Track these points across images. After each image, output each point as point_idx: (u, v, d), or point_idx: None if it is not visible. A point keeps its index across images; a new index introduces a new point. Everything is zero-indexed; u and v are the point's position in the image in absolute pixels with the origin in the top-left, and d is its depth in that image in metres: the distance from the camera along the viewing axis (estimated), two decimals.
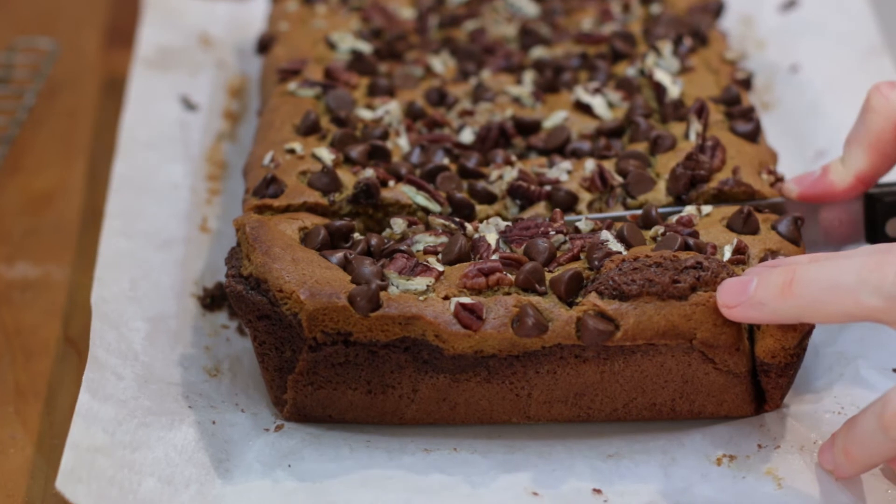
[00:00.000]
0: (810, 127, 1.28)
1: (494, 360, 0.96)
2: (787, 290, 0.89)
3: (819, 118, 1.29)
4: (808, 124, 1.29)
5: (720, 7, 1.29)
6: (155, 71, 1.34)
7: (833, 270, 0.88)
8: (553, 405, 0.99)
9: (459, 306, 0.94)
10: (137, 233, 1.15)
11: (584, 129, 1.13)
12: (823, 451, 0.95)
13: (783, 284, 0.89)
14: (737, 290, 0.92)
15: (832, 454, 0.93)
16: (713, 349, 0.95)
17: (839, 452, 0.92)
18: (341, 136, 1.10)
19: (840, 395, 1.01)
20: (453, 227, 1.01)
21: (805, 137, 1.27)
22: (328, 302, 0.94)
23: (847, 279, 0.87)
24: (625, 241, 0.99)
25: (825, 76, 1.33)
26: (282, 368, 0.98)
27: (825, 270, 0.88)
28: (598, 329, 0.94)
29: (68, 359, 1.10)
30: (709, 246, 0.98)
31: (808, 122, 1.29)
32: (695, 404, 0.99)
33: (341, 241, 1.00)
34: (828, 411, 1.00)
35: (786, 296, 0.89)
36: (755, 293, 0.91)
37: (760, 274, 0.91)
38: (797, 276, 0.89)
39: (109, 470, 0.93)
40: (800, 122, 1.29)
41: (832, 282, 0.87)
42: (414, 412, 0.99)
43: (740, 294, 0.92)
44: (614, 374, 0.97)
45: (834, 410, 1.00)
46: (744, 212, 1.01)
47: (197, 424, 0.99)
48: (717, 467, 0.97)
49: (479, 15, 1.28)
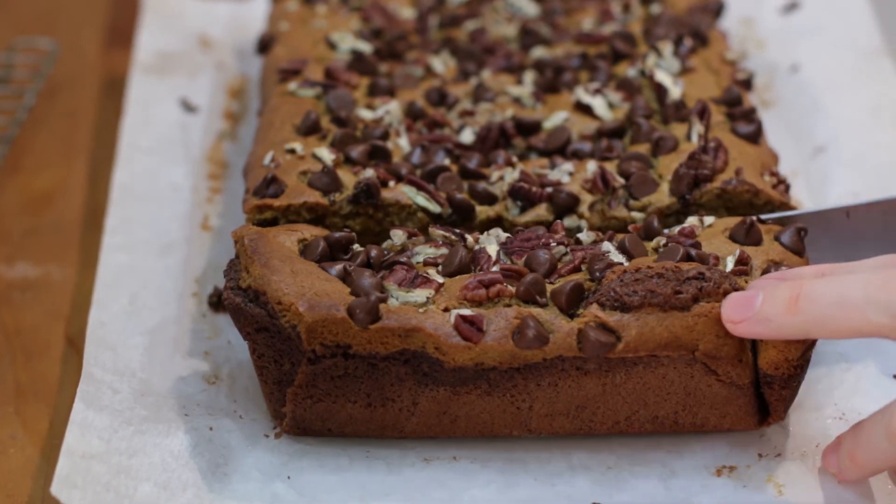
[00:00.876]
0: (809, 124, 1.28)
1: (495, 372, 0.95)
2: (794, 306, 0.88)
3: (818, 115, 1.29)
4: (807, 121, 1.29)
5: (720, 7, 1.29)
6: (154, 75, 1.34)
7: (839, 287, 0.87)
8: (554, 418, 0.98)
9: (460, 318, 0.94)
10: (138, 241, 1.15)
11: (584, 130, 1.13)
12: (828, 454, 0.94)
13: (789, 300, 0.88)
14: (742, 305, 0.91)
15: (837, 457, 0.93)
16: (716, 361, 0.95)
17: (844, 456, 0.91)
18: (342, 137, 1.10)
19: (841, 401, 1.01)
20: (454, 239, 1.01)
21: (804, 134, 1.27)
22: (327, 314, 0.94)
23: (854, 296, 0.86)
24: (626, 252, 0.98)
25: (825, 75, 1.33)
26: (281, 381, 0.97)
27: (832, 287, 0.87)
28: (600, 341, 0.93)
29: (68, 359, 1.10)
30: (711, 257, 0.97)
31: (807, 119, 1.29)
32: (697, 417, 0.98)
33: (340, 253, 1.00)
34: (829, 417, 1.00)
35: (792, 312, 0.88)
36: (761, 309, 0.90)
37: (766, 289, 0.90)
38: (804, 291, 0.88)
39: (105, 476, 0.93)
40: (799, 119, 1.29)
41: (839, 298, 0.87)
42: (414, 425, 0.98)
43: (746, 309, 0.91)
44: (616, 387, 0.97)
45: (835, 416, 1.00)
46: (746, 223, 1.00)
47: (194, 430, 0.99)
48: (717, 478, 0.97)
49: (479, 15, 1.28)
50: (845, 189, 1.20)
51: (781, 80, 1.35)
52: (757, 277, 0.97)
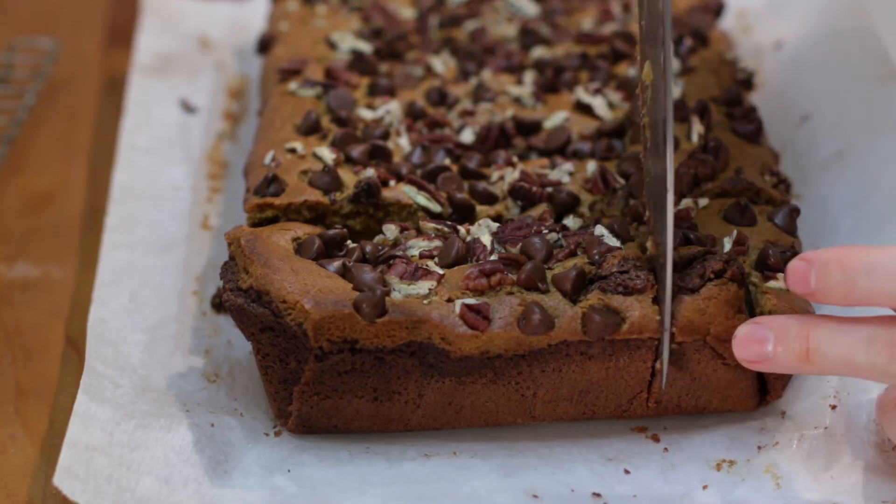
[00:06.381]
0: (795, 95, 1.29)
1: (500, 360, 0.96)
2: (805, 359, 0.91)
3: (803, 86, 1.30)
4: (793, 92, 1.30)
5: (720, 7, 1.29)
6: (154, 77, 1.34)
7: (846, 349, 0.90)
8: (558, 404, 0.98)
9: (465, 308, 0.94)
10: (138, 240, 1.15)
11: (584, 130, 1.13)
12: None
13: (801, 354, 0.91)
14: (754, 349, 0.92)
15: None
16: (724, 344, 0.95)
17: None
18: (342, 136, 1.10)
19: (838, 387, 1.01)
20: (446, 231, 1.01)
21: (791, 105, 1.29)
22: (334, 310, 0.94)
23: (859, 360, 0.89)
24: (619, 235, 0.99)
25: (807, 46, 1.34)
26: (286, 380, 0.97)
27: (839, 348, 0.90)
28: (605, 322, 0.94)
29: (69, 359, 1.10)
30: (709, 239, 0.98)
31: (792, 90, 1.30)
32: (700, 400, 0.99)
33: (335, 250, 1.00)
34: (826, 403, 1.00)
35: (804, 364, 0.91)
36: (775, 358, 0.92)
37: (774, 330, 0.92)
38: (812, 347, 0.91)
39: (107, 468, 0.94)
40: (785, 91, 1.30)
41: (846, 360, 0.90)
42: (420, 418, 0.99)
43: (759, 353, 0.92)
44: (619, 371, 0.97)
45: (830, 402, 1.00)
46: (741, 203, 1.01)
47: (195, 427, 0.99)
48: (716, 472, 0.97)
49: (479, 15, 1.28)
50: (829, 151, 1.21)
51: (767, 59, 1.36)
52: (754, 257, 0.98)
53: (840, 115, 1.24)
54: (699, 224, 1.01)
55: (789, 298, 0.96)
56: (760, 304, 0.96)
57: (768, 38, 1.38)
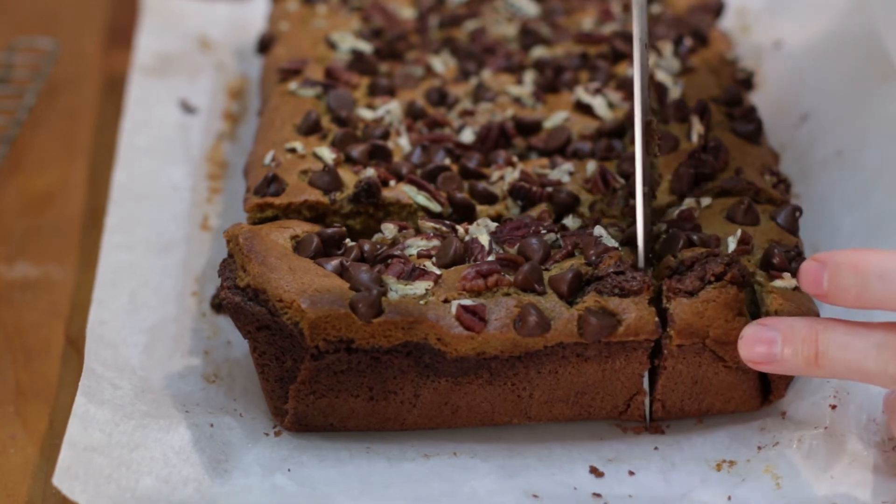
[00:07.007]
0: (794, 94, 1.29)
1: (496, 361, 0.96)
2: (814, 363, 0.91)
3: (803, 86, 1.30)
4: (793, 92, 1.30)
5: (720, 7, 1.29)
6: (154, 77, 1.34)
7: (856, 354, 0.90)
8: (554, 405, 0.98)
9: (461, 309, 0.94)
10: (138, 241, 1.15)
11: (584, 130, 1.13)
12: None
13: (809, 357, 0.91)
14: (761, 350, 0.92)
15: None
16: (724, 346, 0.95)
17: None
18: (342, 136, 1.10)
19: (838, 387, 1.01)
20: (444, 230, 1.01)
21: (790, 104, 1.29)
22: (330, 310, 0.94)
23: (869, 366, 0.90)
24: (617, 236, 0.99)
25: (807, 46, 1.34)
26: (282, 378, 0.97)
27: (849, 353, 0.90)
28: (601, 324, 0.94)
29: (68, 359, 1.10)
30: (713, 240, 0.98)
31: (792, 90, 1.30)
32: (703, 403, 0.99)
33: (333, 249, 1.00)
34: (826, 403, 1.00)
35: (812, 368, 0.91)
36: (783, 360, 0.92)
37: (782, 332, 0.92)
38: (821, 350, 0.91)
39: (107, 468, 0.94)
40: (785, 91, 1.30)
41: (856, 366, 0.90)
42: (415, 417, 0.99)
43: (765, 354, 0.92)
44: (615, 372, 0.97)
45: (831, 402, 1.00)
46: (744, 203, 1.01)
47: (195, 427, 0.99)
48: (716, 472, 0.97)
49: (479, 15, 1.28)
50: (829, 150, 1.20)
51: (767, 58, 1.36)
52: (758, 257, 0.98)
53: (840, 114, 1.24)
54: (702, 223, 1.01)
55: (795, 298, 0.96)
56: (766, 303, 0.96)
57: (768, 38, 1.38)
